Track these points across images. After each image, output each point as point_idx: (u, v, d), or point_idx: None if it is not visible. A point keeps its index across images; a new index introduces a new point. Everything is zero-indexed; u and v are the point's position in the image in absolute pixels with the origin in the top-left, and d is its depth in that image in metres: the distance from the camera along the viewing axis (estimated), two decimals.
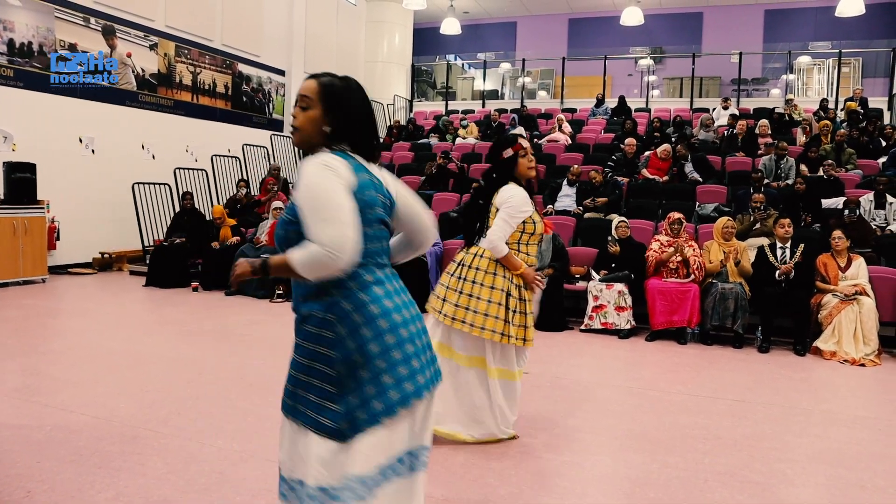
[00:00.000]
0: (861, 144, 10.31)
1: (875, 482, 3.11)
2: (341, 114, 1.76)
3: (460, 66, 20.18)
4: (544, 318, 6.36)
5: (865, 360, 5.56)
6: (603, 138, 11.88)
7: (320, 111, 1.75)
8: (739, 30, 18.11)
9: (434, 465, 2.79)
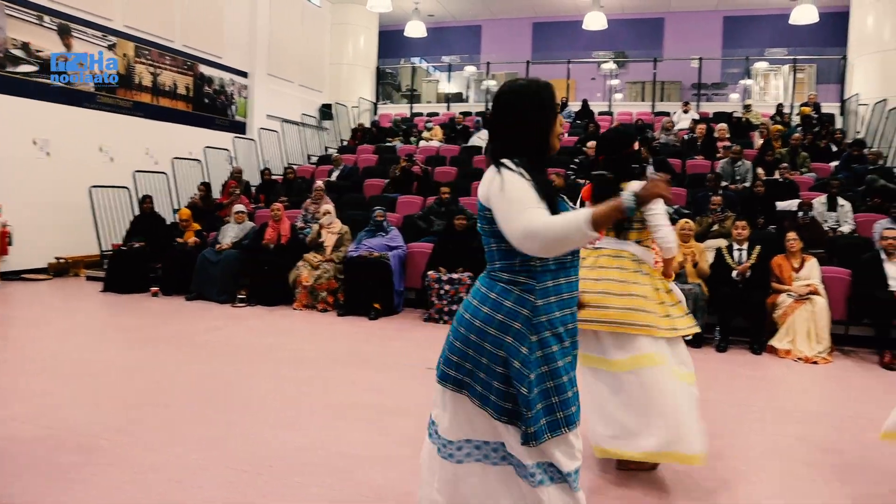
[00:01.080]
0: (814, 148, 10.61)
1: (825, 476, 3.20)
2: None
3: (425, 68, 20.18)
4: None
5: (818, 357, 5.71)
6: (566, 141, 11.99)
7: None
8: (699, 36, 18.44)
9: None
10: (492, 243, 1.80)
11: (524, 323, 1.73)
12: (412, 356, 5.47)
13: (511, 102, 1.80)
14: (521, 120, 1.79)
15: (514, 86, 1.83)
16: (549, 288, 1.76)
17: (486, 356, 1.76)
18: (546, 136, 1.80)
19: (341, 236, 7.56)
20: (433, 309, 6.86)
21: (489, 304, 1.77)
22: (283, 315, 7.01)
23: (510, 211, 1.65)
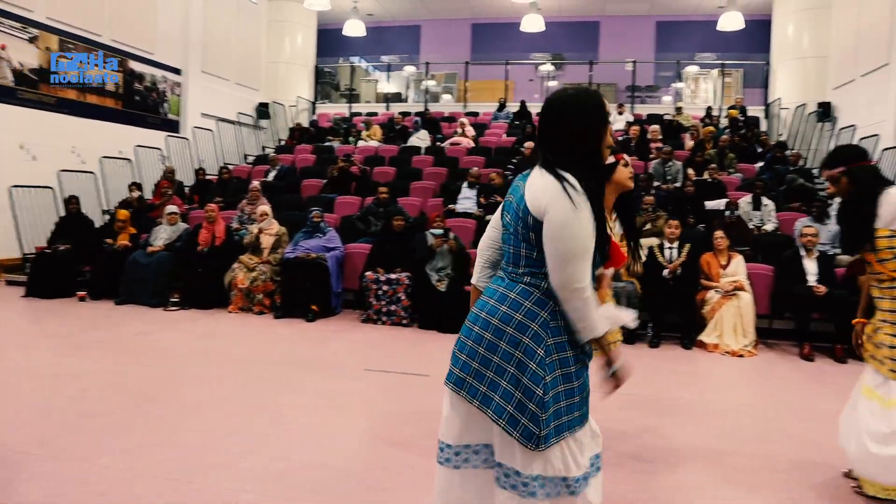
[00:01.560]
0: (741, 149, 11.04)
1: (751, 464, 3.34)
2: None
3: (364, 68, 20.06)
4: (444, 320, 6.44)
5: (744, 351, 5.95)
6: (504, 142, 12.13)
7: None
8: (633, 39, 18.93)
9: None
10: (522, 247, 1.77)
11: (542, 325, 1.72)
12: (351, 357, 5.43)
13: (564, 112, 1.78)
14: (574, 129, 1.76)
15: (567, 95, 1.80)
16: None
17: (500, 355, 1.73)
18: (599, 145, 1.78)
19: (278, 238, 7.44)
20: (371, 310, 6.83)
21: (508, 304, 1.75)
22: (218, 318, 6.85)
23: (568, 252, 1.67)
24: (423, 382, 4.70)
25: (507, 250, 1.82)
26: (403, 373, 4.93)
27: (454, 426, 1.84)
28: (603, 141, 1.79)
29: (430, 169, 10.47)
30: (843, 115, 13.01)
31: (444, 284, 6.58)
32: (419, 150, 11.80)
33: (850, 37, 12.90)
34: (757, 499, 2.96)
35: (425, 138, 12.33)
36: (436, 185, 9.71)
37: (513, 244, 1.79)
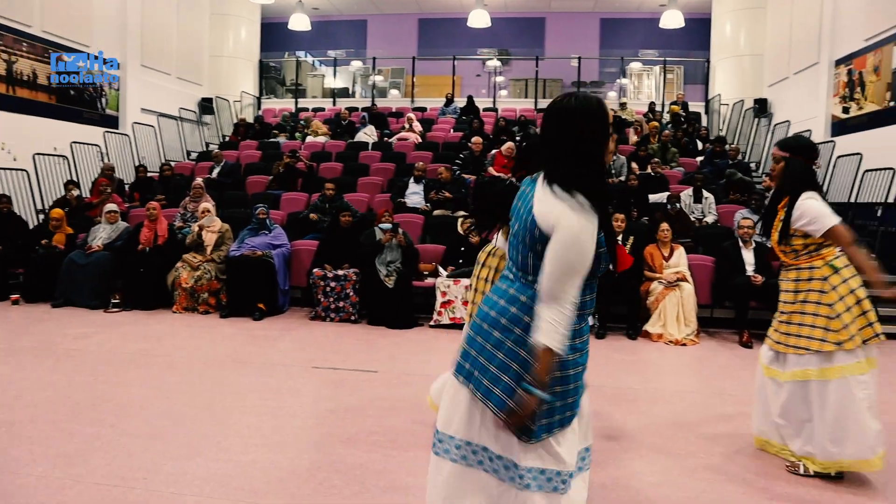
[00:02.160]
0: (683, 144, 11.32)
1: (687, 449, 3.44)
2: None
3: (310, 63, 19.79)
4: (393, 316, 6.43)
5: (687, 339, 6.11)
6: (452, 137, 12.15)
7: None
8: (578, 36, 19.19)
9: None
10: (529, 257, 1.79)
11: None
12: (298, 356, 5.37)
13: (570, 120, 1.77)
14: (582, 135, 1.76)
15: (573, 103, 1.78)
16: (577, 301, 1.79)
17: (505, 352, 1.78)
18: (603, 155, 1.80)
19: (222, 235, 7.29)
20: (319, 307, 6.76)
21: (517, 306, 1.79)
22: (162, 319, 6.67)
23: (570, 269, 1.70)
24: (372, 379, 4.68)
25: (515, 255, 1.85)
26: (352, 369, 4.89)
27: (455, 418, 1.87)
28: (606, 150, 1.80)
29: (378, 164, 10.41)
30: (779, 111, 13.48)
31: (393, 280, 6.56)
32: (366, 145, 11.72)
33: (784, 36, 13.36)
34: (700, 477, 3.05)
35: (372, 134, 12.25)
36: (383, 181, 9.66)
37: (521, 251, 1.82)
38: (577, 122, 1.75)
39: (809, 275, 3.11)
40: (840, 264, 3.09)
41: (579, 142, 1.75)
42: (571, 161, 1.75)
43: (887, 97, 10.02)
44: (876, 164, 9.36)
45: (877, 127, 10.13)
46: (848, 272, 3.09)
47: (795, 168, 3.14)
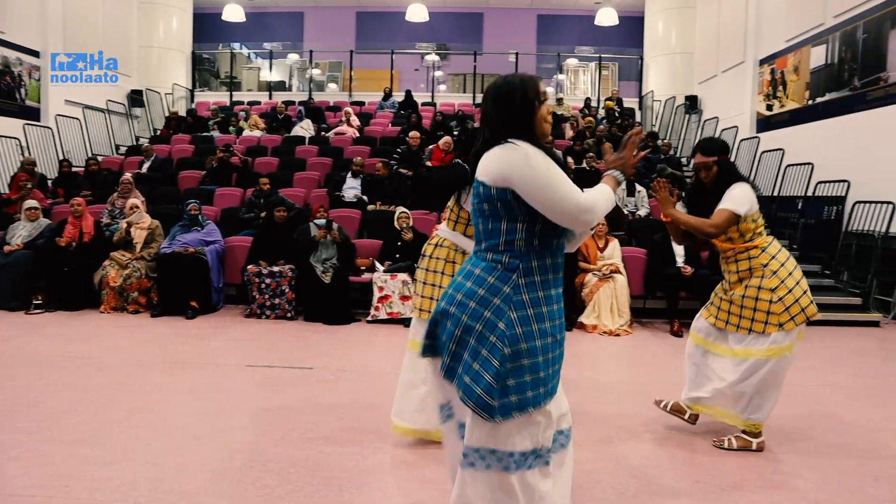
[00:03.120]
0: (617, 139, 11.56)
1: (627, 430, 3.53)
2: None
3: (246, 55, 19.37)
4: (330, 312, 6.37)
5: (620, 330, 6.27)
6: (390, 131, 12.11)
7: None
8: (516, 31, 19.39)
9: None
10: (480, 224, 1.85)
11: (505, 299, 1.76)
12: (232, 354, 5.26)
13: (500, 94, 1.91)
14: (510, 108, 1.88)
15: (500, 80, 1.95)
16: (532, 267, 1.80)
17: (462, 328, 1.78)
18: (533, 120, 1.89)
19: (152, 232, 7.06)
20: (255, 304, 6.63)
21: (473, 280, 1.81)
22: (88, 320, 6.42)
23: (559, 189, 1.74)
24: (308, 376, 4.63)
25: (475, 231, 1.91)
26: (287, 367, 4.82)
27: (436, 388, 1.97)
28: (538, 118, 1.90)
29: (315, 159, 10.28)
30: (708, 107, 13.95)
31: (329, 276, 6.49)
32: (303, 140, 11.56)
33: (712, 35, 13.82)
34: (635, 456, 3.14)
35: (309, 128, 12.08)
36: (320, 176, 9.55)
37: (474, 223, 1.90)
38: (504, 95, 1.90)
39: (748, 265, 3.27)
40: (774, 250, 3.28)
41: (509, 112, 1.87)
42: (506, 132, 1.84)
43: (806, 95, 10.48)
44: (797, 159, 9.79)
45: (797, 124, 10.60)
46: (783, 256, 3.28)
47: (728, 166, 3.35)
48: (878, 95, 8.70)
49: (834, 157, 9.13)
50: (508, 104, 1.88)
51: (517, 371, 1.74)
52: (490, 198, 1.78)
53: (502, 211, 1.78)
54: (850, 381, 4.89)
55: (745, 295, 3.25)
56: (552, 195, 1.73)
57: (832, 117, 9.66)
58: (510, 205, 1.77)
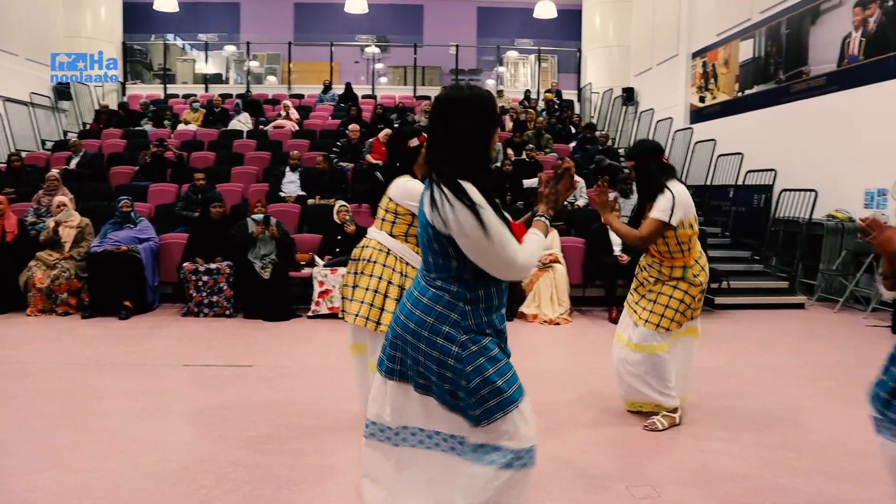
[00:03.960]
0: (556, 130, 11.74)
1: (559, 422, 3.59)
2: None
3: (180, 46, 18.81)
4: (270, 308, 6.28)
5: (560, 319, 6.38)
6: (330, 124, 11.97)
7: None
8: (456, 24, 19.43)
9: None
10: (429, 255, 1.83)
11: (453, 325, 1.79)
12: (168, 354, 5.12)
13: (459, 112, 1.79)
14: (469, 131, 1.78)
15: (462, 94, 1.81)
16: (478, 296, 1.81)
17: (423, 356, 1.80)
18: (489, 147, 1.84)
19: (82, 230, 6.81)
20: (192, 302, 6.47)
21: (421, 308, 1.82)
22: (13, 323, 6.14)
23: (494, 250, 1.72)
24: (247, 373, 4.55)
25: (423, 258, 1.89)
26: (226, 365, 4.74)
27: (395, 411, 1.92)
28: (493, 143, 1.85)
29: (253, 153, 10.08)
30: (644, 99, 14.28)
31: (268, 272, 6.38)
32: (241, 133, 11.31)
33: (647, 29, 14.14)
34: (572, 443, 3.20)
35: (247, 121, 11.84)
36: (258, 170, 9.37)
37: (423, 252, 1.88)
38: (466, 112, 1.79)
39: (682, 273, 3.42)
40: (699, 268, 3.46)
41: (466, 133, 1.78)
42: (458, 155, 1.77)
43: (736, 88, 10.85)
44: (728, 149, 10.13)
45: (728, 115, 10.96)
46: (704, 274, 3.48)
47: (648, 169, 3.42)
48: (800, 88, 9.07)
49: (762, 147, 9.49)
50: (487, 120, 1.81)
51: (488, 381, 1.79)
52: (440, 240, 1.77)
53: (452, 251, 1.77)
54: (777, 362, 5.11)
55: (661, 292, 3.42)
56: (489, 257, 1.74)
57: (760, 109, 10.03)
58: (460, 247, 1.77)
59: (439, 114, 1.83)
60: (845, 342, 5.85)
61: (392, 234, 3.19)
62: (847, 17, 8.22)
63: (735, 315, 6.98)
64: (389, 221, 3.19)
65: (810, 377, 4.68)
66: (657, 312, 3.42)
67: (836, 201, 7.73)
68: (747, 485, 2.88)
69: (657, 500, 2.73)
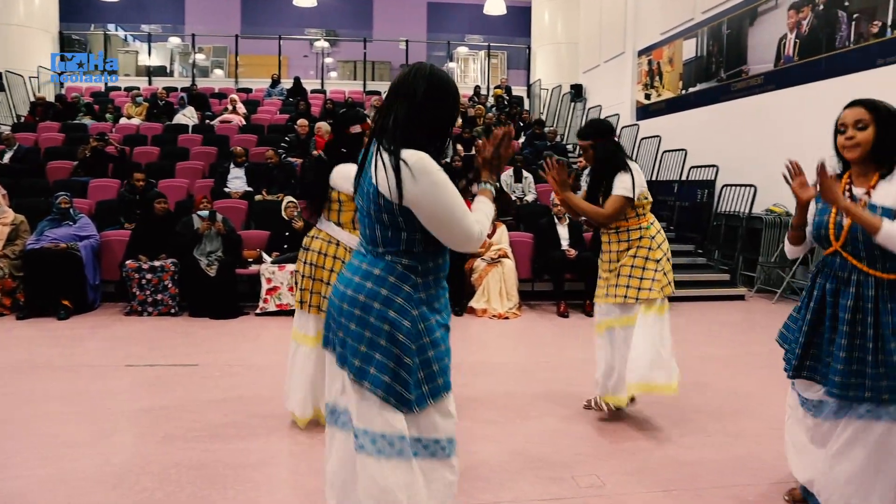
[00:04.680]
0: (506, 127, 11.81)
1: (507, 415, 3.64)
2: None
3: (122, 37, 18.25)
4: (216, 306, 6.18)
5: (509, 313, 6.44)
6: (278, 119, 11.80)
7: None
8: (406, 19, 19.38)
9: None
10: (377, 228, 1.80)
11: (406, 298, 1.77)
12: (110, 355, 4.97)
13: (439, 83, 1.79)
14: (445, 102, 1.80)
15: (435, 75, 1.80)
16: (429, 268, 1.81)
17: (371, 329, 1.77)
18: (445, 127, 1.83)
19: (16, 227, 6.55)
20: (135, 301, 6.30)
21: (373, 280, 1.79)
22: None
23: (450, 218, 1.71)
24: (193, 373, 4.46)
25: (363, 230, 1.86)
26: (170, 365, 4.63)
27: (334, 387, 1.93)
28: (449, 124, 1.85)
29: (198, 148, 9.86)
30: (592, 96, 14.51)
31: (215, 269, 6.26)
32: (186, 128, 11.05)
33: (595, 26, 14.37)
34: (520, 433, 3.26)
35: (193, 116, 11.57)
36: (204, 166, 9.18)
37: (368, 225, 1.82)
38: (443, 86, 1.80)
39: (640, 234, 3.42)
40: (657, 227, 3.49)
41: (444, 106, 1.80)
42: (419, 128, 1.76)
43: (680, 86, 11.12)
44: (673, 145, 10.38)
45: (673, 112, 11.23)
46: (662, 234, 3.49)
47: (608, 147, 3.44)
48: (740, 87, 9.36)
49: (705, 143, 9.76)
50: (444, 98, 1.80)
51: (426, 363, 1.80)
52: (392, 211, 1.74)
53: (404, 224, 1.75)
54: (719, 352, 5.28)
55: (633, 265, 3.39)
56: (450, 229, 1.73)
57: (703, 106, 10.31)
58: (413, 218, 1.74)
59: (418, 82, 1.79)
60: None
61: (339, 223, 3.20)
62: (782, 19, 8.51)
63: (679, 307, 7.15)
64: (335, 210, 3.21)
65: (750, 366, 4.84)
66: (648, 277, 3.38)
67: (774, 196, 8.00)
68: (688, 471, 2.97)
69: (602, 489, 2.79)
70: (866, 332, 2.19)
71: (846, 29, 7.47)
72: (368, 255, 1.84)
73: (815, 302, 2.35)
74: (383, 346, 1.77)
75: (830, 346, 2.28)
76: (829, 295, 2.30)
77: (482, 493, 2.72)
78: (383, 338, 1.77)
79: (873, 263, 2.20)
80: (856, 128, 2.20)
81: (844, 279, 2.26)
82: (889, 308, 2.17)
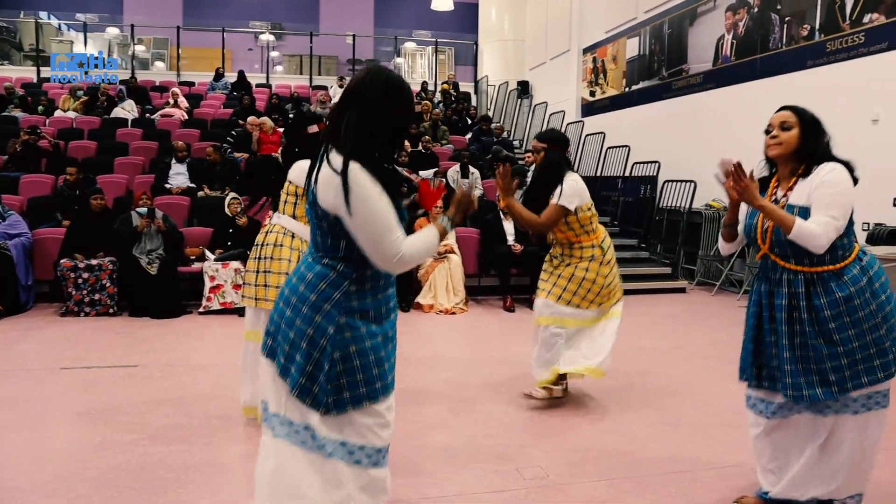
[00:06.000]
0: (453, 122, 11.87)
1: (453, 409, 3.67)
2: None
3: (55, 26, 17.56)
4: (157, 305, 6.03)
5: (456, 308, 6.49)
6: (222, 113, 11.54)
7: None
8: (353, 13, 19.22)
9: None
10: (317, 234, 1.81)
11: (335, 305, 1.76)
12: (44, 357, 4.80)
13: (395, 86, 1.78)
14: (401, 106, 1.79)
15: (392, 80, 1.79)
16: (366, 276, 1.79)
17: (295, 331, 1.78)
18: (398, 133, 1.82)
19: None
20: (71, 301, 6.10)
21: (306, 284, 1.79)
22: None
23: (374, 234, 1.70)
24: (132, 374, 4.35)
25: (311, 234, 1.87)
26: (108, 366, 4.50)
27: (274, 395, 1.88)
28: (403, 129, 1.84)
29: (138, 143, 9.58)
30: (538, 92, 14.67)
31: (155, 267, 6.11)
32: (125, 122, 10.71)
33: (541, 24, 14.53)
34: (466, 425, 3.29)
35: (132, 109, 11.22)
36: (144, 161, 8.92)
37: (311, 230, 1.86)
38: (398, 90, 1.79)
39: (591, 253, 3.58)
40: (609, 243, 3.67)
41: (376, 110, 1.76)
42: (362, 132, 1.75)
43: (623, 83, 11.34)
44: (616, 141, 10.59)
45: (616, 109, 11.46)
46: (611, 252, 3.67)
47: (554, 158, 3.57)
48: (681, 85, 9.61)
49: (647, 140, 9.99)
50: (400, 103, 1.79)
51: (349, 371, 1.78)
52: (328, 220, 1.75)
53: (340, 232, 1.75)
54: (660, 343, 5.42)
55: (586, 278, 3.56)
56: (373, 244, 1.72)
57: (645, 104, 10.55)
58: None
59: (364, 90, 1.78)
60: (720, 322, 6.28)
61: (294, 216, 3.22)
62: (720, 20, 8.77)
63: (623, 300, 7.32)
64: (291, 203, 3.23)
65: (689, 356, 4.99)
66: (559, 286, 3.58)
67: (713, 192, 8.25)
68: (628, 459, 3.06)
69: (545, 479, 2.84)
70: (804, 329, 2.24)
71: (779, 31, 7.75)
72: (309, 258, 1.86)
73: (754, 305, 2.42)
74: (304, 348, 1.77)
75: (775, 348, 2.32)
76: (765, 297, 2.36)
77: (428, 488, 2.74)
78: (305, 340, 1.77)
79: (800, 260, 2.25)
80: (781, 128, 2.29)
81: (776, 280, 2.32)
82: (824, 302, 2.22)
